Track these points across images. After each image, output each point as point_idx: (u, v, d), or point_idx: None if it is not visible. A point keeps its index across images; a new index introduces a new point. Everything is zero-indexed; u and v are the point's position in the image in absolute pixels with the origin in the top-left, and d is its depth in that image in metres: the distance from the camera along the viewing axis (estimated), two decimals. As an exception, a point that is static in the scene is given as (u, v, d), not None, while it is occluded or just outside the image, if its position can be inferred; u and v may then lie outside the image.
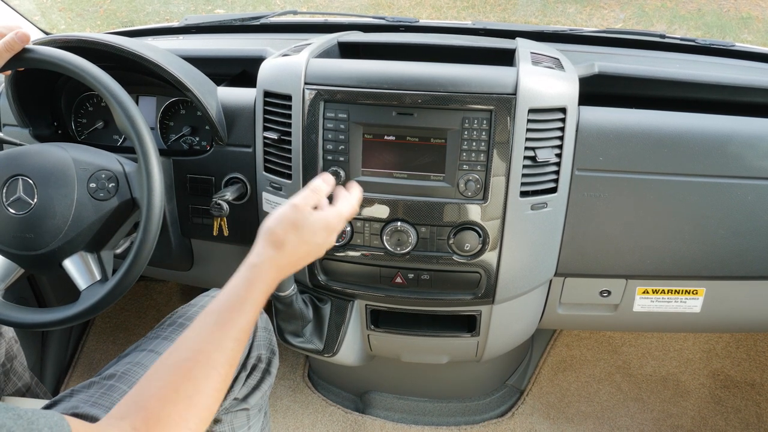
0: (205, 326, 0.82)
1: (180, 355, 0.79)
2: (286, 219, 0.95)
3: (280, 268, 0.92)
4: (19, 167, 1.13)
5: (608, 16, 5.59)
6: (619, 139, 1.25)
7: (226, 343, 0.81)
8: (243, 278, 0.88)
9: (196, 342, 0.81)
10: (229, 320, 0.83)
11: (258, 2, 5.97)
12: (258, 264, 0.90)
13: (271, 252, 0.92)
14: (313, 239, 0.96)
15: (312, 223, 0.95)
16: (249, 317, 0.85)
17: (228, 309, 0.84)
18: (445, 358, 1.53)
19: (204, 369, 0.78)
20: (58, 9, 5.97)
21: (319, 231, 0.96)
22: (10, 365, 1.37)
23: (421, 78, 1.19)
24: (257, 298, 0.87)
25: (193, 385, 0.76)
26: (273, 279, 0.91)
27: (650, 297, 1.42)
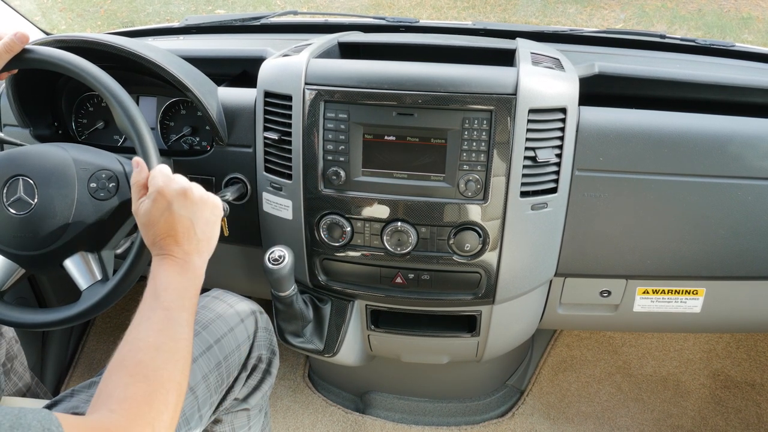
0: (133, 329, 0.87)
1: (121, 352, 0.84)
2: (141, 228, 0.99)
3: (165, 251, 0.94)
4: (20, 167, 1.13)
5: (609, 17, 5.59)
6: (620, 139, 1.25)
7: (157, 326, 0.87)
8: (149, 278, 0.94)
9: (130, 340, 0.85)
10: (150, 310, 0.89)
11: (258, 2, 5.97)
12: (151, 267, 0.95)
13: (152, 250, 0.97)
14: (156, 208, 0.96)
15: (148, 206, 0.96)
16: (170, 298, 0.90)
17: (145, 305, 0.90)
18: (445, 359, 1.53)
19: (146, 353, 0.83)
20: (59, 9, 5.97)
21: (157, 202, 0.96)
22: (11, 365, 1.37)
23: (422, 78, 1.19)
24: (166, 282, 0.92)
25: (143, 367, 0.81)
26: (172, 261, 0.94)
27: (650, 297, 1.42)
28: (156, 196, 0.96)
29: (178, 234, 0.95)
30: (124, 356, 0.82)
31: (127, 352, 0.83)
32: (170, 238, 0.95)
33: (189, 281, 0.94)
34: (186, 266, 0.94)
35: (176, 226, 0.95)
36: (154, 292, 0.90)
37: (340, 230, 1.26)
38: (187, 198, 0.97)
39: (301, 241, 1.31)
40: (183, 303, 0.90)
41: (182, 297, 0.91)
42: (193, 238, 0.96)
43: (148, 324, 0.86)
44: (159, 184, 0.97)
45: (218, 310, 1.20)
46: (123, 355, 0.82)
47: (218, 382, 1.13)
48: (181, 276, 0.93)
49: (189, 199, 0.97)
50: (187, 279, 0.93)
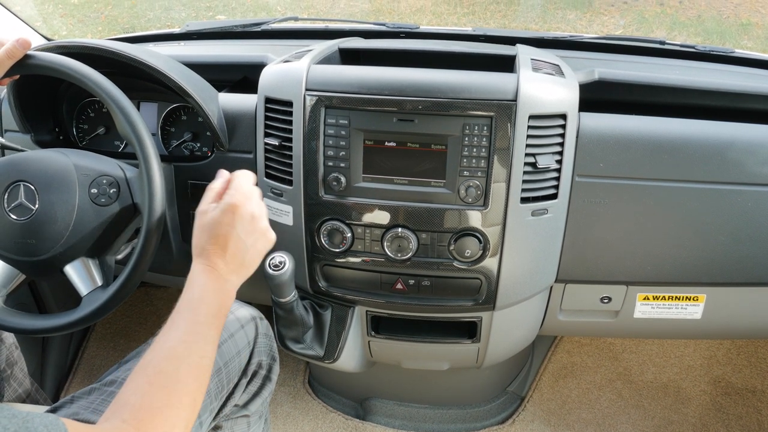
0: (164, 334, 0.87)
1: (147, 357, 0.83)
2: (196, 228, 0.99)
3: (210, 264, 0.95)
4: (21, 173, 1.13)
5: (608, 23, 5.61)
6: (620, 145, 1.25)
7: (187, 338, 0.86)
8: (185, 289, 0.92)
9: (159, 346, 0.85)
10: (183, 321, 0.88)
11: (259, 8, 5.99)
12: (192, 272, 0.94)
13: (198, 258, 0.96)
14: (224, 220, 0.97)
15: (216, 215, 0.97)
16: (204, 314, 0.89)
17: (179, 314, 0.89)
18: (445, 365, 1.53)
19: (170, 362, 0.83)
20: (60, 15, 5.99)
21: (225, 215, 0.97)
22: (11, 371, 1.37)
23: (422, 84, 1.19)
24: (205, 298, 0.91)
25: (164, 377, 0.81)
26: (214, 277, 0.94)
27: (651, 303, 1.41)
28: (226, 208, 0.97)
29: (228, 251, 0.96)
30: (148, 362, 0.83)
31: (151, 358, 0.83)
32: (221, 252, 0.96)
33: (224, 299, 0.94)
34: (224, 284, 0.95)
35: (231, 243, 0.96)
36: (190, 303, 0.90)
37: (341, 236, 1.26)
38: (253, 224, 0.99)
39: (301, 247, 1.31)
40: (214, 321, 0.90)
41: (215, 314, 0.91)
42: (240, 260, 0.97)
43: (177, 334, 0.86)
44: (236, 200, 0.99)
45: (218, 317, 1.20)
46: (148, 360, 0.83)
47: (218, 389, 1.13)
48: (217, 292, 0.93)
49: (254, 227, 0.99)
50: (222, 296, 0.94)
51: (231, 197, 0.99)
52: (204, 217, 0.99)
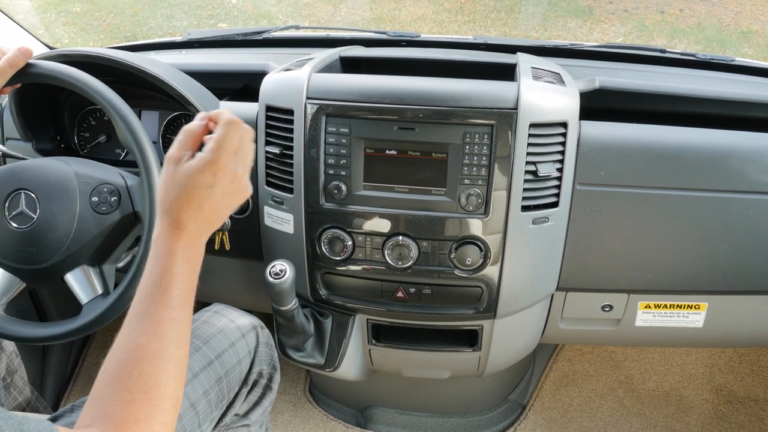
0: (134, 320, 0.77)
1: (121, 356, 0.74)
2: (163, 179, 0.84)
3: (180, 226, 0.81)
4: (22, 181, 1.13)
5: (609, 31, 5.62)
6: (621, 153, 1.25)
7: (162, 328, 0.76)
8: (151, 260, 0.81)
9: (131, 339, 0.75)
10: (154, 305, 0.77)
11: (260, 17, 6.01)
12: (156, 235, 0.82)
13: (164, 217, 0.83)
14: (188, 177, 0.82)
15: (192, 172, 0.82)
16: (178, 291, 0.79)
17: (149, 294, 0.78)
18: (446, 373, 1.52)
19: (149, 362, 0.74)
20: (62, 23, 6.01)
21: (185, 168, 0.83)
22: (11, 379, 1.37)
23: (423, 93, 1.19)
24: (175, 270, 0.79)
25: (144, 381, 0.73)
26: (184, 243, 0.81)
27: (652, 312, 1.41)
28: (206, 166, 0.82)
29: (202, 212, 0.82)
30: (122, 363, 0.73)
31: (126, 358, 0.74)
32: (193, 213, 0.82)
33: (194, 266, 0.82)
34: (194, 248, 0.82)
35: (206, 205, 0.83)
36: (161, 281, 0.78)
37: (341, 244, 1.26)
38: (234, 183, 0.85)
39: (302, 255, 1.31)
40: (188, 298, 0.80)
41: (188, 290, 0.80)
42: (212, 220, 0.85)
43: (151, 325, 0.76)
44: (218, 156, 0.83)
45: (219, 325, 1.20)
46: (122, 360, 0.74)
47: (219, 398, 1.12)
48: (188, 262, 0.81)
49: (234, 185, 0.86)
50: (193, 264, 0.82)
51: (214, 153, 0.83)
52: (176, 169, 0.83)
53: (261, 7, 6.18)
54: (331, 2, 6.22)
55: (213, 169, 0.82)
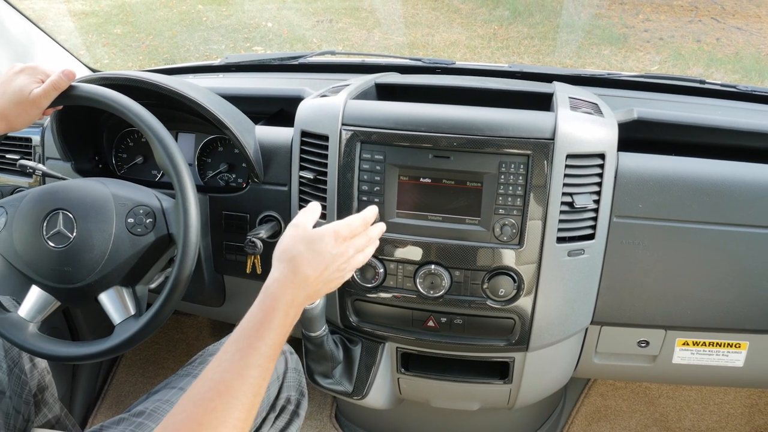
0: (226, 356, 0.81)
1: (202, 387, 0.78)
2: (291, 236, 0.94)
3: (297, 285, 0.89)
4: (60, 201, 1.15)
5: (643, 59, 5.58)
6: (659, 186, 1.23)
7: (248, 372, 0.80)
8: (259, 303, 0.87)
9: (218, 372, 0.80)
10: (249, 348, 0.81)
11: (295, 41, 6.10)
12: (271, 286, 0.89)
13: (284, 270, 0.90)
14: (326, 248, 0.93)
15: (319, 233, 0.94)
16: (271, 342, 0.83)
17: (247, 336, 0.83)
18: (476, 405, 1.49)
19: (226, 399, 0.77)
20: (103, 44, 6.17)
21: (327, 239, 0.94)
22: (42, 396, 1.37)
23: (458, 121, 1.19)
24: (278, 322, 0.85)
25: (216, 417, 0.75)
26: (292, 299, 0.88)
27: (690, 349, 1.37)
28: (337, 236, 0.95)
29: (319, 277, 0.92)
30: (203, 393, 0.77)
31: (208, 389, 0.78)
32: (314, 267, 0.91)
33: (289, 326, 0.88)
34: (295, 308, 0.89)
35: (327, 266, 0.93)
36: (259, 325, 0.84)
37: (373, 271, 1.25)
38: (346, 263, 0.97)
39: (333, 281, 1.30)
40: (276, 352, 0.84)
41: (279, 344, 0.85)
42: (321, 284, 0.93)
43: (239, 365, 0.80)
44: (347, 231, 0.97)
45: (248, 349, 1.19)
46: (204, 391, 0.78)
47: (246, 423, 1.12)
48: (286, 317, 0.87)
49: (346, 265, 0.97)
50: (289, 323, 0.88)
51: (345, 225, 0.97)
52: (305, 231, 0.94)
53: (296, 31, 6.28)
54: (365, 27, 6.30)
55: (339, 240, 0.94)
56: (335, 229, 0.96)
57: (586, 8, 6.19)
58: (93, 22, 6.65)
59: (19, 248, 1.14)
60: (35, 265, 1.14)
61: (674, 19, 6.12)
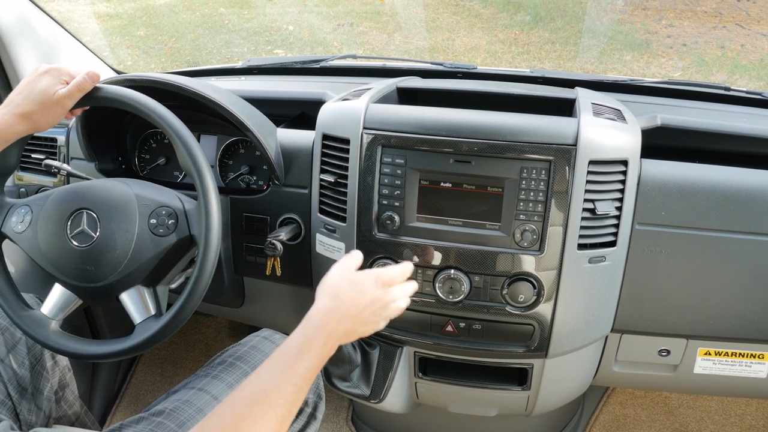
0: (266, 371, 0.86)
1: (243, 394, 0.83)
2: (337, 274, 1.00)
3: (338, 319, 0.94)
4: (85, 201, 1.16)
5: (666, 65, 5.53)
6: (683, 193, 1.21)
7: (285, 387, 0.84)
8: (301, 329, 0.92)
9: (258, 383, 0.85)
10: (289, 367, 0.86)
11: (316, 44, 6.12)
12: (314, 315, 0.94)
13: (328, 303, 0.95)
14: (367, 290, 0.98)
15: (362, 275, 1.00)
16: (308, 366, 0.88)
17: (287, 357, 0.88)
18: (493, 411, 1.48)
19: (262, 408, 0.81)
20: (126, 46, 6.24)
21: (368, 282, 0.99)
22: (62, 393, 1.39)
23: (480, 126, 1.19)
24: (316, 350, 0.90)
25: (250, 423, 0.80)
26: (332, 331, 0.93)
27: (712, 359, 1.35)
28: (379, 286, 1.00)
29: (358, 318, 0.96)
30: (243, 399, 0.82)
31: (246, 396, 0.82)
32: (353, 308, 0.96)
33: (324, 356, 0.92)
34: (331, 340, 0.93)
35: (363, 310, 0.97)
36: (301, 347, 0.89)
37: (392, 275, 1.25)
38: (378, 314, 1.00)
39: (352, 284, 1.30)
40: (310, 377, 0.89)
41: (313, 370, 0.89)
42: (355, 327, 0.97)
43: (280, 380, 0.85)
44: (390, 278, 1.02)
45: (268, 351, 1.20)
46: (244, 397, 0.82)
47: (264, 425, 1.12)
48: (324, 346, 0.91)
49: (378, 317, 1.00)
50: (325, 352, 0.92)
51: (389, 274, 1.02)
52: (349, 272, 1.00)
53: (317, 34, 6.30)
54: (386, 31, 6.30)
55: (380, 284, 1.00)
56: (377, 274, 1.01)
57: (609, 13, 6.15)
58: (117, 24, 6.72)
59: (43, 247, 1.15)
60: (58, 263, 1.15)
61: (698, 25, 6.06)
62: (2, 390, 1.18)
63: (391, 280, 1.02)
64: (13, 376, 1.21)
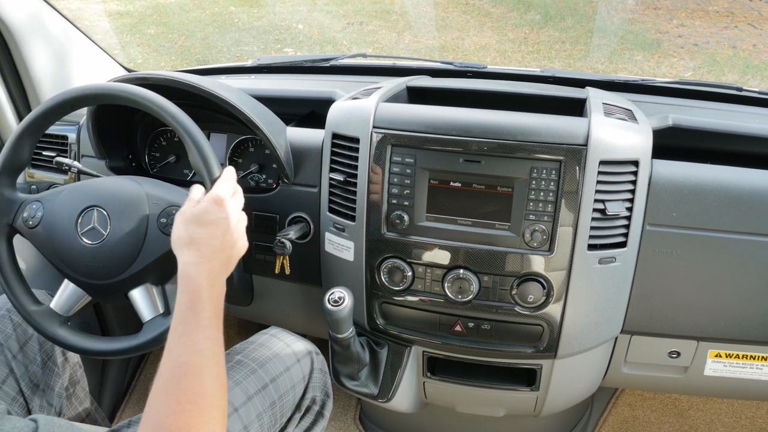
0: (173, 345, 0.85)
1: (166, 375, 0.82)
2: (181, 222, 0.99)
3: (207, 259, 0.94)
4: (95, 198, 1.17)
5: (677, 65, 5.50)
6: (694, 194, 1.21)
7: (200, 346, 0.84)
8: (181, 289, 0.91)
9: (171, 360, 0.83)
10: (191, 327, 0.86)
11: (325, 43, 6.12)
12: (184, 271, 0.93)
13: (188, 253, 0.94)
14: (213, 217, 0.98)
15: (200, 207, 0.99)
16: (209, 314, 0.88)
17: (183, 320, 0.87)
18: (501, 411, 1.48)
19: (193, 377, 0.81)
20: (137, 44, 6.27)
21: (210, 208, 0.99)
22: (73, 390, 1.40)
23: (490, 126, 1.18)
24: (206, 295, 0.90)
25: (192, 393, 0.79)
26: (209, 271, 0.93)
27: (723, 361, 1.34)
28: (215, 199, 1.00)
29: (218, 244, 0.96)
30: (169, 380, 0.81)
31: (171, 375, 0.81)
32: (210, 240, 0.96)
33: (219, 296, 0.93)
34: (216, 280, 0.93)
35: (220, 232, 0.97)
36: (191, 306, 0.89)
37: (401, 274, 1.25)
38: (238, 220, 1.02)
39: (361, 283, 1.30)
40: (218, 322, 0.89)
41: (217, 315, 0.90)
42: (228, 254, 0.98)
43: (189, 345, 0.84)
44: (222, 193, 1.01)
45: (275, 349, 1.20)
46: (168, 378, 0.81)
47: (272, 422, 1.12)
48: (212, 289, 0.92)
49: (238, 224, 1.02)
50: (218, 293, 0.93)
51: (218, 190, 1.01)
52: (186, 212, 0.99)
53: (326, 33, 6.30)
54: (396, 30, 6.30)
55: (219, 201, 0.99)
56: (212, 197, 1.00)
57: (620, 13, 6.12)
58: (127, 23, 6.75)
59: (53, 243, 1.16)
60: (69, 259, 1.16)
61: (709, 25, 6.02)
62: (14, 386, 1.18)
63: (227, 192, 1.03)
64: (25, 373, 1.22)
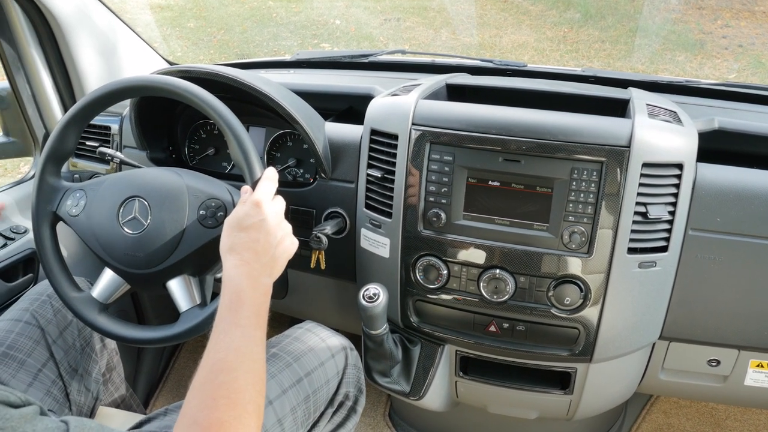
0: (212, 344, 0.86)
1: (203, 372, 0.83)
2: (224, 231, 1.01)
3: (249, 262, 0.96)
4: (137, 188, 1.19)
5: (721, 66, 5.38)
6: (740, 199, 1.18)
7: (236, 344, 0.86)
8: (224, 291, 0.93)
9: (211, 356, 0.85)
10: (228, 325, 0.88)
11: (362, 38, 6.13)
12: (227, 275, 0.95)
13: (231, 259, 0.96)
14: (253, 221, 0.99)
15: (239, 211, 1.01)
16: (248, 314, 0.90)
17: (223, 320, 0.89)
18: (534, 414, 1.47)
19: (227, 373, 0.82)
20: (177, 37, 6.36)
21: (250, 212, 1.00)
22: (110, 375, 1.43)
23: (530, 125, 1.17)
24: (248, 297, 0.92)
25: (225, 389, 0.80)
26: (249, 272, 0.95)
27: (765, 371, 1.31)
28: (253, 202, 1.01)
29: (260, 243, 0.98)
30: (205, 376, 0.82)
31: (208, 371, 0.83)
32: (252, 244, 0.97)
33: (261, 296, 0.94)
34: (257, 282, 0.95)
35: (261, 235, 0.98)
36: (230, 306, 0.91)
37: (436, 272, 1.25)
38: (278, 220, 1.02)
39: (395, 280, 1.30)
40: (257, 321, 0.91)
41: (257, 314, 0.91)
42: (270, 255, 0.99)
43: (227, 342, 0.86)
44: (260, 197, 1.02)
45: (310, 343, 1.21)
46: (204, 374, 0.83)
47: (305, 416, 1.13)
48: (254, 291, 0.93)
49: (279, 224, 1.02)
50: (259, 294, 0.94)
51: (257, 193, 1.03)
52: (230, 217, 1.02)
53: (363, 29, 6.31)
54: (433, 26, 6.28)
55: (257, 203, 1.00)
56: (253, 201, 1.02)
57: (662, 13, 6.00)
58: (168, 16, 6.86)
59: (95, 231, 1.18)
60: (110, 248, 1.18)
61: (755, 26, 5.87)
62: (54, 370, 1.21)
63: (267, 194, 1.04)
64: (64, 357, 1.24)
